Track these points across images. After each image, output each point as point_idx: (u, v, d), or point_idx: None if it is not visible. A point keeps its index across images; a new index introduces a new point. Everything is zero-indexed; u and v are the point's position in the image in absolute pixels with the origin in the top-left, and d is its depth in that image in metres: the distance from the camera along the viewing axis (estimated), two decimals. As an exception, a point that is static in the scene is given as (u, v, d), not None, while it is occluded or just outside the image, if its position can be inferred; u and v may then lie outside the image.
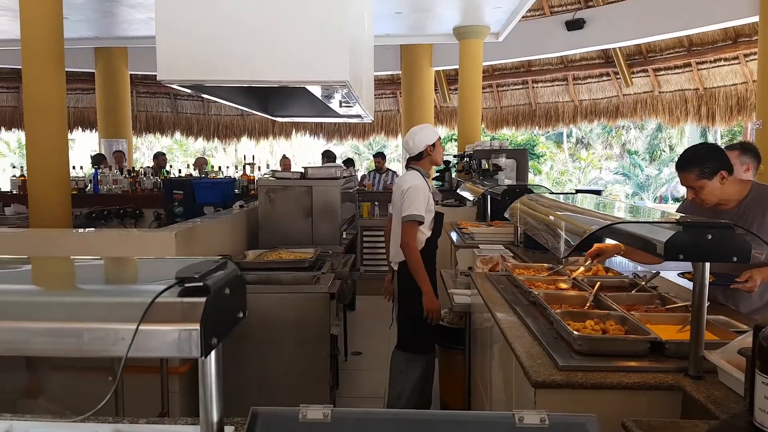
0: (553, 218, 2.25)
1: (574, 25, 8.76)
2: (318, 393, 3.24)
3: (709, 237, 1.58)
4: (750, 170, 3.17)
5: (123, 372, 0.78)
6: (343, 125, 12.67)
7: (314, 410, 0.97)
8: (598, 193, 8.83)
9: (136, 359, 0.80)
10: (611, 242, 2.81)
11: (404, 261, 3.40)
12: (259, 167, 7.17)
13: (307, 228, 4.30)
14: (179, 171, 7.72)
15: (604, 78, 10.72)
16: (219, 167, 8.16)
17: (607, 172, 19.99)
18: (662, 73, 9.87)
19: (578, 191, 9.00)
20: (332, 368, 3.38)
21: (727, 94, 9.10)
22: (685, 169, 2.37)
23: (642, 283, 2.59)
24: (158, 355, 0.78)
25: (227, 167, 8.52)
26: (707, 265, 1.66)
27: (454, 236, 4.91)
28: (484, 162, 6.18)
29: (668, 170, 18.09)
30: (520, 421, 0.99)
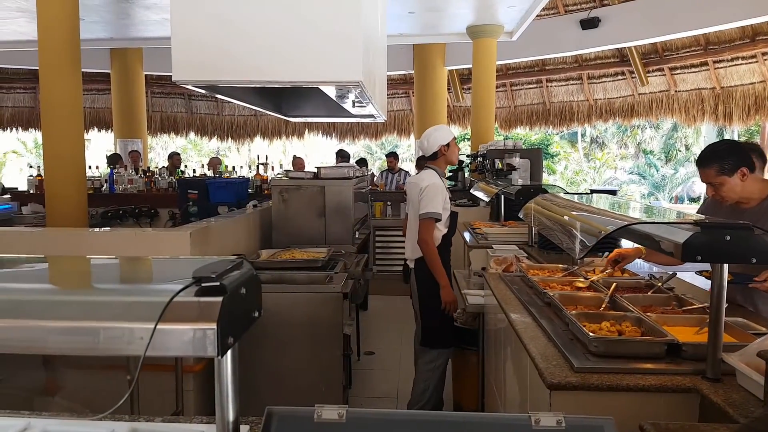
0: (568, 219, 2.23)
1: (589, 23, 8.69)
2: (331, 392, 3.25)
3: (728, 238, 1.56)
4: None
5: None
6: (356, 125, 12.68)
7: (329, 410, 0.97)
8: (613, 193, 8.76)
9: (152, 358, 0.80)
10: (630, 245, 2.78)
11: (420, 258, 3.47)
12: (272, 167, 7.19)
13: (320, 228, 4.31)
14: (194, 171, 7.77)
15: (619, 77, 10.62)
16: (233, 167, 8.21)
17: (621, 172, 19.82)
18: (678, 72, 9.76)
19: (593, 191, 8.93)
20: (345, 368, 3.38)
21: (745, 93, 8.98)
22: (705, 165, 2.35)
23: (658, 285, 2.56)
24: (175, 354, 0.79)
25: (241, 167, 8.56)
26: (725, 267, 1.64)
27: (468, 236, 4.89)
28: (497, 162, 6.15)
29: (684, 170, 17.89)
30: (537, 423, 0.99)
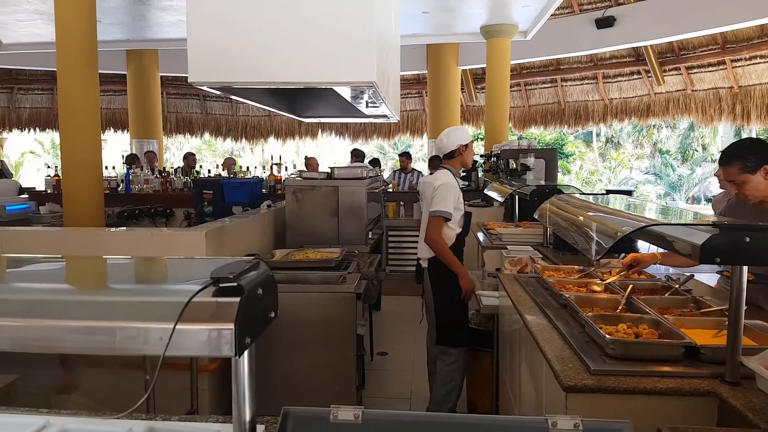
0: (584, 219, 2.21)
1: (605, 22, 8.61)
2: (344, 393, 3.25)
3: (747, 240, 1.53)
4: None
5: (153, 370, 0.79)
6: (369, 125, 12.69)
7: (345, 411, 0.97)
8: (629, 193, 8.66)
9: (169, 357, 0.81)
10: (646, 247, 2.75)
11: (433, 257, 3.50)
12: (285, 167, 7.22)
13: (333, 228, 4.32)
14: (209, 171, 7.83)
15: (635, 76, 10.52)
16: (247, 167, 8.25)
17: (637, 172, 19.62)
18: (695, 71, 9.64)
19: (608, 192, 8.85)
20: (358, 368, 3.38)
21: (763, 92, 8.85)
22: (727, 163, 2.32)
23: (676, 286, 2.53)
24: (193, 354, 0.79)
25: (255, 167, 8.60)
26: (745, 269, 1.61)
27: (481, 237, 4.87)
28: (511, 162, 6.12)
29: (701, 170, 17.67)
30: (554, 426, 0.98)
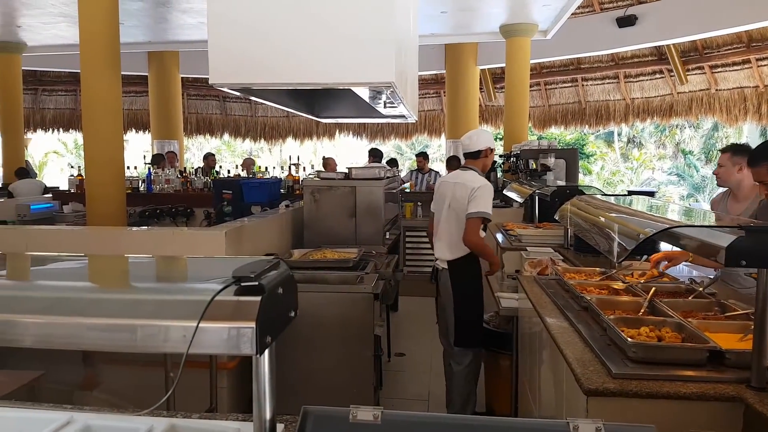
0: (606, 221, 2.18)
1: (626, 21, 8.50)
2: (362, 393, 3.25)
3: (774, 241, 1.50)
4: (743, 170, 3.10)
5: (173, 368, 0.80)
6: (386, 125, 12.70)
7: (365, 411, 0.97)
8: (651, 194, 8.55)
9: (190, 355, 0.81)
10: (669, 249, 2.72)
11: (454, 259, 3.49)
12: (303, 168, 7.25)
13: (351, 228, 4.33)
14: (228, 171, 7.90)
15: (658, 75, 10.37)
16: (266, 168, 8.31)
17: (660, 172, 19.32)
18: (719, 70, 9.47)
19: (630, 192, 8.73)
20: (376, 369, 3.38)
21: (790, 91, 8.67)
22: (756, 163, 2.29)
23: (699, 289, 2.48)
24: (214, 352, 0.80)
25: (273, 167, 8.66)
26: (772, 272, 1.57)
27: (500, 238, 4.84)
28: (531, 162, 6.07)
29: (725, 171, 17.28)
30: (575, 429, 0.97)
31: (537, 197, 5.27)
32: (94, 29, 4.67)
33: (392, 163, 8.79)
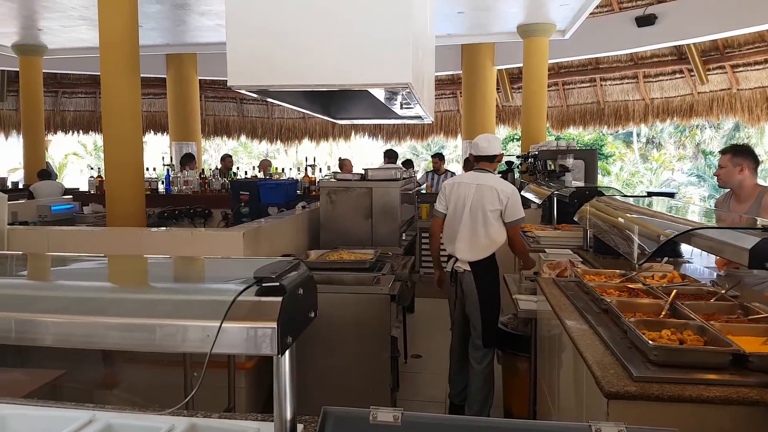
0: (627, 222, 2.16)
1: (645, 20, 8.40)
2: (378, 394, 3.25)
3: (800, 243, 1.47)
4: (745, 170, 3.15)
5: (193, 367, 0.81)
6: (402, 126, 12.69)
7: (384, 412, 0.97)
8: (671, 195, 8.43)
9: (211, 355, 0.82)
10: (690, 250, 2.69)
11: (477, 261, 3.55)
12: (320, 169, 7.27)
13: (367, 229, 4.33)
14: (245, 173, 7.94)
15: (677, 75, 10.23)
16: (282, 169, 8.34)
17: (679, 173, 19.06)
18: (741, 69, 9.32)
19: (650, 194, 8.62)
20: (393, 370, 3.38)
21: (814, 91, 8.51)
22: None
23: (722, 292, 2.44)
24: (236, 352, 0.80)
25: (289, 169, 8.70)
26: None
27: (518, 239, 4.80)
28: (549, 163, 6.01)
29: (746, 172, 17.00)
30: (598, 433, 0.95)
31: (555, 198, 5.22)
32: (114, 32, 4.73)
33: (408, 164, 8.77)
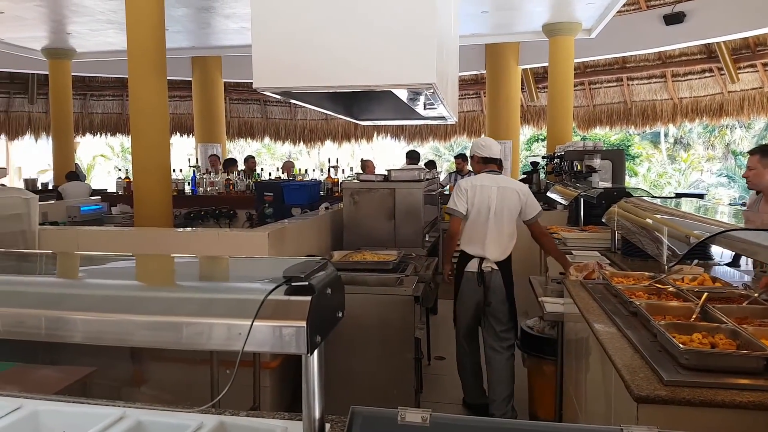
0: (656, 224, 2.12)
1: (674, 18, 8.25)
2: (402, 396, 3.24)
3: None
4: None
5: (220, 365, 0.81)
6: (425, 127, 12.67)
7: (413, 413, 0.96)
8: (700, 197, 8.25)
9: (236, 354, 0.82)
10: (718, 253, 2.62)
11: (503, 260, 3.68)
12: (342, 170, 7.30)
13: (390, 230, 4.32)
14: (269, 174, 8.01)
15: (707, 74, 10.03)
16: (305, 170, 8.40)
17: (708, 174, 18.66)
18: (773, 67, 9.11)
19: (678, 195, 8.45)
20: (416, 372, 3.37)
21: None
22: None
23: (755, 295, 2.38)
24: (266, 350, 0.81)
25: (312, 170, 8.75)
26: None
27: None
28: (576, 163, 5.93)
29: (779, 172, 16.55)
30: (630, 437, 0.94)
31: (582, 200, 5.15)
32: (141, 35, 4.81)
33: (430, 164, 8.74)
